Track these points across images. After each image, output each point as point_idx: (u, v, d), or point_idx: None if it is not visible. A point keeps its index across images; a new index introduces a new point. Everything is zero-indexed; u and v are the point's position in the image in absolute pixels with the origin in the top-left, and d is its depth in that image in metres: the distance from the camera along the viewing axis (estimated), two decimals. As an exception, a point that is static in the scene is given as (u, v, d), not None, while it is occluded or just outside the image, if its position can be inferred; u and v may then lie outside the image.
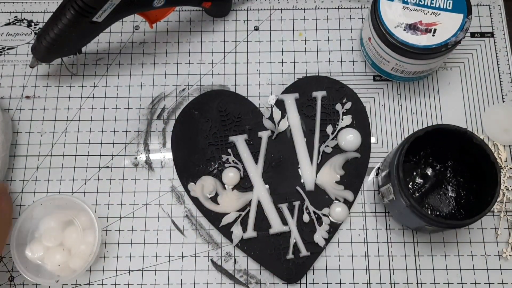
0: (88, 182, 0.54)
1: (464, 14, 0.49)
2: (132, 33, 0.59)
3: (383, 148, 0.54)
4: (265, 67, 0.58)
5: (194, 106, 0.55)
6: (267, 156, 0.54)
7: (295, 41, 0.58)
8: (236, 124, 0.54)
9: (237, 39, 0.59)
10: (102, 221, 0.52)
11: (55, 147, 0.55)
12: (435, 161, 0.51)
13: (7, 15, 0.60)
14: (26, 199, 0.53)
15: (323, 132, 0.54)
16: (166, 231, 0.52)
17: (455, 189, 0.50)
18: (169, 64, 0.58)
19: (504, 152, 0.54)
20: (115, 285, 0.51)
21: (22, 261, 0.48)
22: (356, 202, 0.52)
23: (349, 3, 0.60)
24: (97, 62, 0.58)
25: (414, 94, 0.56)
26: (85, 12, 0.47)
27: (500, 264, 0.50)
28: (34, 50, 0.51)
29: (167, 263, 0.51)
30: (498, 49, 0.58)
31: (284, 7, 0.60)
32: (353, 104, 0.55)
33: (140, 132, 0.56)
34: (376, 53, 0.53)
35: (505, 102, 0.56)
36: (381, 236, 0.52)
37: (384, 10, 0.50)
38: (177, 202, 0.53)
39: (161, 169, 0.54)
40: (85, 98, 0.57)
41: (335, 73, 0.57)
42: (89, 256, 0.48)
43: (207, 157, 0.53)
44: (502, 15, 0.59)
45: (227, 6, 0.59)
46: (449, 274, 0.50)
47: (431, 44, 0.49)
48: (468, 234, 0.51)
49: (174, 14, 0.60)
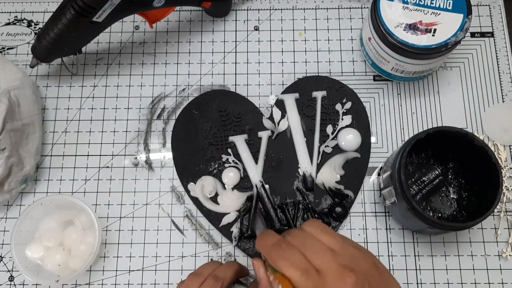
0: (88, 182, 0.54)
1: (464, 14, 0.49)
2: (132, 33, 0.59)
3: (383, 148, 0.54)
4: (265, 67, 0.58)
5: (194, 106, 0.55)
6: (267, 156, 0.54)
7: (295, 41, 0.58)
8: (236, 124, 0.54)
9: (237, 39, 0.59)
10: (102, 221, 0.52)
11: (55, 147, 0.55)
12: (436, 163, 0.51)
13: (7, 15, 0.60)
14: (26, 199, 0.53)
15: (323, 132, 0.54)
16: (166, 231, 0.52)
17: (457, 190, 0.50)
18: (169, 64, 0.58)
19: (504, 152, 0.54)
20: (115, 285, 0.51)
21: (22, 261, 0.48)
22: (356, 202, 0.52)
23: (349, 3, 0.60)
24: (97, 62, 0.58)
25: (414, 94, 0.56)
26: (85, 12, 0.47)
27: (500, 264, 0.50)
28: (34, 50, 0.51)
29: (167, 263, 0.51)
30: (498, 49, 0.58)
31: (284, 7, 0.60)
32: (353, 104, 0.55)
33: (140, 132, 0.56)
34: (376, 53, 0.53)
35: (505, 102, 0.56)
36: (381, 236, 0.52)
37: (384, 10, 0.50)
38: (177, 202, 0.53)
39: (161, 169, 0.54)
40: (85, 98, 0.57)
41: (335, 73, 0.57)
42: (89, 256, 0.48)
43: (207, 157, 0.53)
44: (502, 15, 0.59)
45: (227, 6, 0.59)
46: (449, 274, 0.50)
47: (431, 44, 0.49)
48: (468, 234, 0.51)
49: (174, 14, 0.60)
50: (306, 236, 0.38)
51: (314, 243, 0.37)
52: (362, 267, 0.35)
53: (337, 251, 0.36)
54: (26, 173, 0.51)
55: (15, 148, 0.50)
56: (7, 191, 0.50)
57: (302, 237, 0.38)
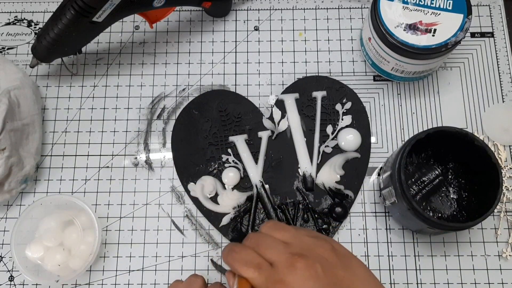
0: (88, 182, 0.54)
1: (464, 14, 0.49)
2: (132, 33, 0.59)
3: (383, 148, 0.54)
4: (265, 67, 0.58)
5: (194, 106, 0.55)
6: (267, 156, 0.54)
7: (295, 41, 0.58)
8: (236, 124, 0.54)
9: (237, 39, 0.59)
10: (102, 221, 0.52)
11: (55, 147, 0.55)
12: (436, 163, 0.51)
13: (7, 15, 0.60)
14: (26, 199, 0.53)
15: (323, 132, 0.54)
16: (166, 231, 0.52)
17: (457, 190, 0.50)
18: (169, 64, 0.58)
19: (504, 152, 0.54)
20: (115, 285, 0.51)
21: (22, 261, 0.48)
22: (356, 202, 0.52)
23: (349, 3, 0.60)
24: (97, 62, 0.58)
25: (414, 94, 0.56)
26: (85, 12, 0.47)
27: (500, 264, 0.50)
28: (34, 50, 0.51)
29: (167, 263, 0.51)
30: (498, 49, 0.58)
31: (284, 7, 0.60)
32: (353, 104, 0.55)
33: (140, 132, 0.56)
34: (376, 53, 0.53)
35: (505, 102, 0.56)
36: (381, 236, 0.52)
37: (384, 10, 0.50)
38: (177, 202, 0.53)
39: (161, 169, 0.54)
40: (85, 98, 0.57)
41: (335, 73, 0.57)
42: (89, 256, 0.48)
43: (207, 157, 0.53)
44: (502, 15, 0.59)
45: (227, 6, 0.59)
46: (449, 274, 0.50)
47: (431, 44, 0.49)
48: (468, 234, 0.51)
49: (174, 14, 0.60)
50: (260, 236, 0.39)
51: (266, 240, 0.38)
52: (315, 253, 0.36)
53: (290, 242, 0.37)
54: (26, 173, 0.51)
55: (15, 148, 0.50)
56: (7, 191, 0.50)
57: (256, 237, 0.39)
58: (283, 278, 0.34)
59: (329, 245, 0.37)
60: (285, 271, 0.34)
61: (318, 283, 0.34)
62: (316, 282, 0.34)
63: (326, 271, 0.34)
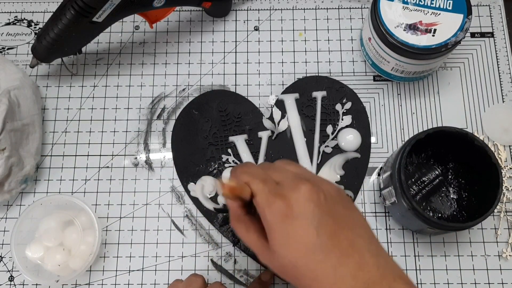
0: (88, 182, 0.54)
1: (464, 14, 0.49)
2: (132, 33, 0.59)
3: (383, 148, 0.54)
4: (265, 67, 0.58)
5: (194, 106, 0.55)
6: (267, 156, 0.54)
7: (295, 41, 0.58)
8: (236, 124, 0.54)
9: (237, 39, 0.59)
10: (102, 221, 0.52)
11: (55, 147, 0.55)
12: (436, 163, 0.51)
13: (7, 15, 0.60)
14: (26, 199, 0.53)
15: (323, 132, 0.54)
16: (166, 231, 0.52)
17: (457, 191, 0.50)
18: (169, 64, 0.58)
19: (504, 152, 0.54)
20: (115, 285, 0.51)
21: (22, 261, 0.48)
22: (356, 202, 0.52)
23: (349, 3, 0.60)
24: (97, 62, 0.58)
25: (414, 94, 0.56)
26: (85, 12, 0.47)
27: (500, 264, 0.50)
28: (34, 50, 0.51)
29: (167, 263, 0.51)
30: (498, 49, 0.58)
31: (284, 7, 0.60)
32: (353, 104, 0.55)
33: (140, 132, 0.56)
34: (376, 53, 0.53)
35: (505, 102, 0.56)
36: (381, 236, 0.52)
37: (384, 10, 0.50)
38: (177, 202, 0.53)
39: (161, 169, 0.54)
40: (85, 98, 0.57)
41: (335, 73, 0.57)
42: (89, 256, 0.48)
43: (207, 157, 0.53)
44: (502, 15, 0.59)
45: (227, 6, 0.59)
46: (449, 274, 0.50)
47: (431, 44, 0.49)
48: (468, 234, 0.51)
49: (174, 14, 0.60)
50: (272, 163, 0.39)
51: (278, 166, 0.38)
52: (322, 185, 0.36)
53: (300, 173, 0.38)
54: (26, 173, 0.51)
55: (15, 148, 0.50)
56: (7, 191, 0.50)
57: (268, 164, 0.39)
58: (286, 194, 0.35)
59: (337, 186, 0.38)
60: (289, 189, 0.35)
61: (318, 209, 0.34)
62: (317, 207, 0.34)
63: (328, 202, 0.35)
